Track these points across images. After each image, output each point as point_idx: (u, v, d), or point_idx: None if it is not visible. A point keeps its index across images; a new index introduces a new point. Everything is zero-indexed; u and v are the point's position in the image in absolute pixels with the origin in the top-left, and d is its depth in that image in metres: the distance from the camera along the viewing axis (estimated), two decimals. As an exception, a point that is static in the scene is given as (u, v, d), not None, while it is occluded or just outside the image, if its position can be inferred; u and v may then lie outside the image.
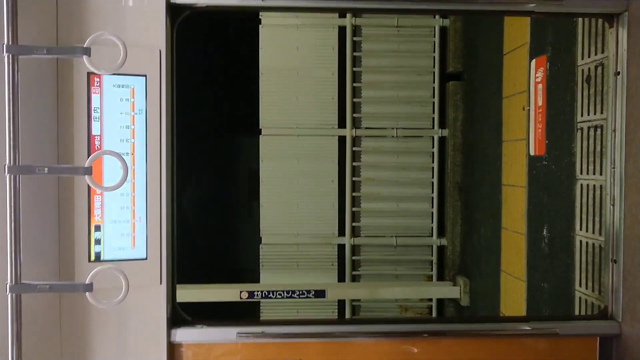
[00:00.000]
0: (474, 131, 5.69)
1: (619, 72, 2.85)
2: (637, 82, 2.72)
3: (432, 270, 6.20)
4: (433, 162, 6.12)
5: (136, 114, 2.65)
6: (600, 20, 3.19)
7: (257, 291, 5.63)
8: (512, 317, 2.98)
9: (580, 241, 3.47)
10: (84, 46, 2.13)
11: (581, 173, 3.48)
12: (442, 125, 6.08)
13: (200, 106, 6.22)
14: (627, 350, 2.78)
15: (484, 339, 2.86)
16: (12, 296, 2.07)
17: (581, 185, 3.47)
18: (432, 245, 6.19)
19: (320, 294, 5.59)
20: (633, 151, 2.76)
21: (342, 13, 6.02)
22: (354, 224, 6.17)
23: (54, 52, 2.16)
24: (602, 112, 3.19)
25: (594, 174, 3.31)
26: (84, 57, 2.12)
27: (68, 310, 2.59)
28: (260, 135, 6.05)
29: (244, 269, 6.75)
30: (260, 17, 6.03)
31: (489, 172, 5.12)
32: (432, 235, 6.17)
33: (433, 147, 6.11)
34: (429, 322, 2.89)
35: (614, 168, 2.90)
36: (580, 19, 3.45)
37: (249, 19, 6.11)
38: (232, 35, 6.66)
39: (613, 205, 2.90)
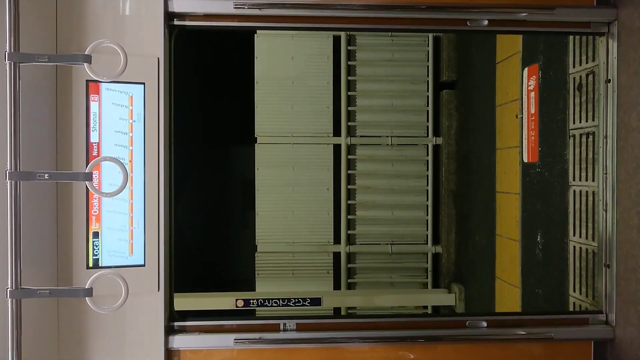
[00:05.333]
0: (467, 139, 5.74)
1: (609, 79, 2.90)
2: (627, 89, 2.78)
3: (427, 278, 6.21)
4: (427, 170, 6.15)
5: (134, 121, 2.67)
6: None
7: (253, 299, 5.62)
8: (507, 317, 3.02)
9: (574, 247, 3.50)
10: (85, 53, 2.15)
11: (574, 179, 3.53)
12: (436, 133, 6.12)
13: (195, 115, 6.24)
14: (621, 354, 2.81)
15: (480, 343, 2.88)
16: (12, 301, 2.08)
17: (574, 191, 3.51)
18: (427, 253, 6.21)
19: (315, 301, 5.59)
20: (624, 157, 2.80)
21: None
22: (349, 232, 6.18)
23: (56, 59, 2.19)
24: (593, 119, 3.24)
25: (587, 180, 3.36)
26: (85, 64, 2.14)
27: (66, 316, 2.60)
28: (255, 144, 6.08)
29: (240, 277, 6.74)
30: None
31: (483, 180, 5.16)
32: (427, 243, 6.20)
33: (427, 155, 6.15)
34: (425, 328, 2.91)
35: (606, 174, 2.94)
36: (571, 28, 3.51)
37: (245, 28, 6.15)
38: (228, 44, 6.69)
39: (605, 211, 2.94)
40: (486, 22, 2.88)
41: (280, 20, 2.88)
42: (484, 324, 2.93)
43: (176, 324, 2.82)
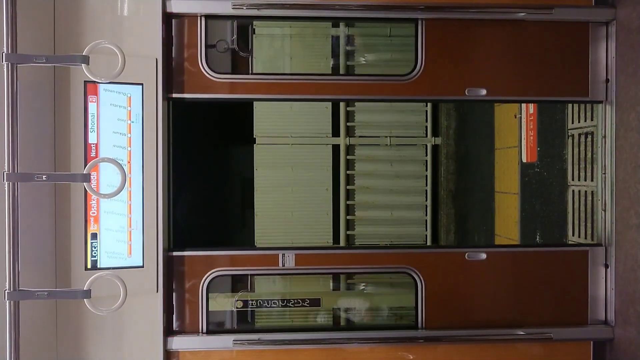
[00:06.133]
0: (466, 139, 5.74)
1: (608, 79, 2.90)
2: (625, 89, 2.77)
3: (426, 278, 6.20)
4: (426, 170, 6.15)
5: (133, 122, 2.66)
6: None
7: (252, 300, 5.61)
8: (506, 249, 3.05)
9: (573, 247, 3.50)
10: (83, 54, 2.14)
11: (572, 179, 3.53)
12: (435, 133, 6.11)
13: (194, 115, 6.22)
14: (621, 354, 2.81)
15: (480, 344, 2.88)
16: (10, 303, 2.07)
17: (573, 191, 3.51)
18: (426, 253, 6.19)
19: (315, 302, 5.58)
20: (623, 157, 2.80)
21: (334, 23, 6.06)
22: (348, 232, 6.18)
23: (53, 60, 2.18)
24: (592, 119, 3.24)
25: (585, 180, 3.36)
26: (83, 65, 2.13)
27: (64, 318, 2.59)
28: (254, 144, 6.07)
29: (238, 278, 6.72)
30: (254, 27, 6.06)
31: (482, 180, 5.16)
32: (426, 243, 6.19)
33: (426, 156, 6.14)
34: (424, 329, 2.91)
35: (604, 174, 2.94)
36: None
37: (243, 28, 6.14)
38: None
39: (604, 211, 2.94)
40: (484, 92, 2.91)
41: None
42: (483, 255, 2.94)
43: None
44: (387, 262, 2.98)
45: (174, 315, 2.84)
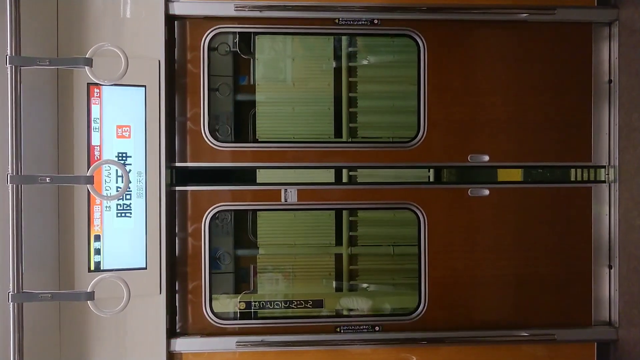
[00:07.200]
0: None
1: (611, 80, 2.90)
2: (628, 89, 2.77)
3: (429, 279, 6.18)
4: (429, 171, 6.13)
5: (135, 124, 2.67)
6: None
7: (254, 301, 5.60)
8: (509, 185, 3.06)
9: (576, 247, 3.49)
10: (86, 57, 2.15)
11: (575, 179, 3.51)
12: (437, 134, 6.09)
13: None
14: (625, 355, 2.80)
15: (483, 345, 2.87)
16: (14, 305, 2.07)
17: (576, 192, 3.49)
18: (428, 254, 6.17)
19: (317, 303, 5.57)
20: (626, 158, 2.80)
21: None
22: (351, 233, 6.16)
23: (57, 63, 2.18)
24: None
25: (588, 180, 3.34)
26: (86, 67, 2.14)
27: (67, 320, 2.60)
28: (256, 146, 6.05)
29: (241, 279, 6.72)
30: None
31: (484, 180, 5.14)
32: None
33: (428, 156, 6.12)
34: (427, 330, 2.91)
35: (607, 175, 2.94)
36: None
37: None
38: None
39: (608, 212, 2.94)
40: (487, 158, 2.97)
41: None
42: (486, 191, 3.00)
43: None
44: (389, 197, 3.01)
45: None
